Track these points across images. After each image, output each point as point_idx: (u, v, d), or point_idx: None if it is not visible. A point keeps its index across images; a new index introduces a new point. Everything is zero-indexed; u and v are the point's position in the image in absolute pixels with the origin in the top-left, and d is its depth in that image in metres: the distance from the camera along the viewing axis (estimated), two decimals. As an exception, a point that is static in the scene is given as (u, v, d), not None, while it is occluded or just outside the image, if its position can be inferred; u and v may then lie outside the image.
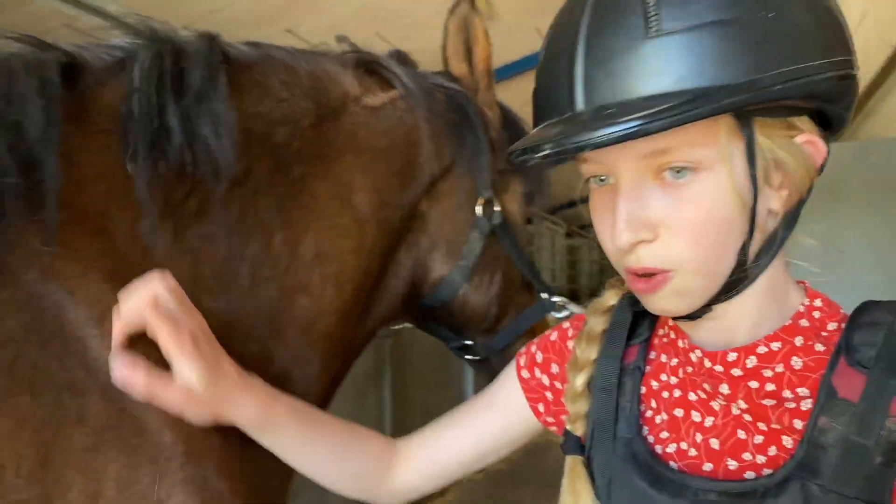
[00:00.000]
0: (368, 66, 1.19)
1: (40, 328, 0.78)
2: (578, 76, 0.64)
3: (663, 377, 0.77)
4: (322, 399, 1.09)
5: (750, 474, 0.67)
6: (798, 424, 0.66)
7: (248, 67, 1.04)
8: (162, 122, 0.90)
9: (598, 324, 0.82)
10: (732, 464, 0.69)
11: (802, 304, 0.71)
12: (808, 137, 0.66)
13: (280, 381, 0.97)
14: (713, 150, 0.63)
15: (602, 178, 0.70)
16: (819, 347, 0.67)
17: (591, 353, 0.81)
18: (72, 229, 0.83)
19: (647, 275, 0.67)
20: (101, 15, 2.97)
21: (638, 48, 0.61)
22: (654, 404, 0.77)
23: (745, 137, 0.64)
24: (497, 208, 1.28)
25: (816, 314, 0.70)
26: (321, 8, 3.38)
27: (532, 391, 0.88)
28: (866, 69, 4.63)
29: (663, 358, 0.79)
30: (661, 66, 0.60)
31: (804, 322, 0.69)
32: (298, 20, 3.44)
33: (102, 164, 0.89)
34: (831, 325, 0.69)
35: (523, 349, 0.92)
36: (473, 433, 0.90)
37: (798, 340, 0.68)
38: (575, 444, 0.80)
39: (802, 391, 0.66)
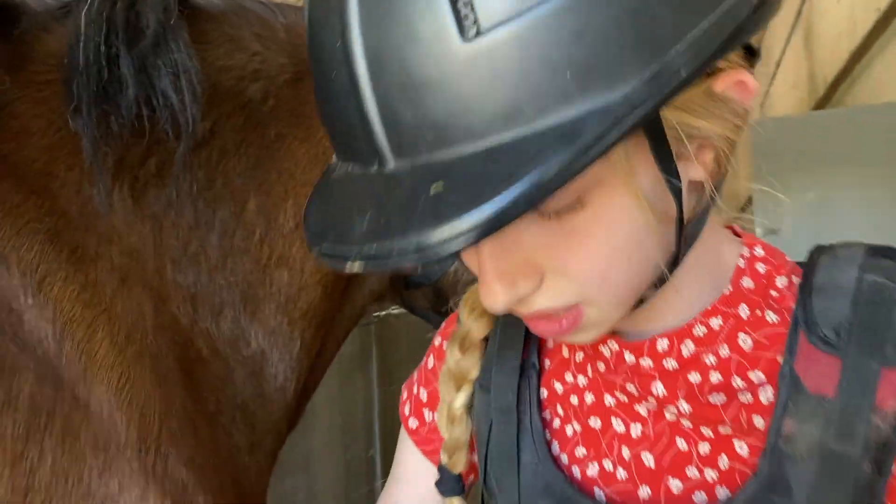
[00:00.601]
0: None
1: None
2: (372, 113, 0.39)
3: (568, 377, 0.60)
4: (306, 383, 1.00)
5: (699, 496, 0.52)
6: (759, 423, 0.50)
7: (216, 17, 0.95)
8: (112, 72, 0.80)
9: (477, 328, 0.62)
10: (675, 484, 0.53)
11: (742, 257, 0.54)
12: (731, 79, 0.44)
13: (256, 364, 0.88)
14: (602, 167, 0.41)
15: None
16: (771, 317, 0.51)
17: (470, 363, 0.62)
18: (5, 186, 0.74)
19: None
20: None
21: (452, 63, 0.37)
22: (560, 411, 0.59)
23: (649, 127, 0.43)
24: None
25: (761, 267, 0.53)
26: None
27: (425, 441, 0.67)
28: (853, 35, 4.55)
29: (565, 352, 0.60)
30: (500, 91, 0.36)
31: (747, 282, 0.53)
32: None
33: (45, 118, 0.80)
34: (780, 282, 0.53)
35: (405, 393, 0.71)
36: None
37: (743, 311, 0.52)
38: (454, 484, 0.63)
39: (756, 376, 0.51)
